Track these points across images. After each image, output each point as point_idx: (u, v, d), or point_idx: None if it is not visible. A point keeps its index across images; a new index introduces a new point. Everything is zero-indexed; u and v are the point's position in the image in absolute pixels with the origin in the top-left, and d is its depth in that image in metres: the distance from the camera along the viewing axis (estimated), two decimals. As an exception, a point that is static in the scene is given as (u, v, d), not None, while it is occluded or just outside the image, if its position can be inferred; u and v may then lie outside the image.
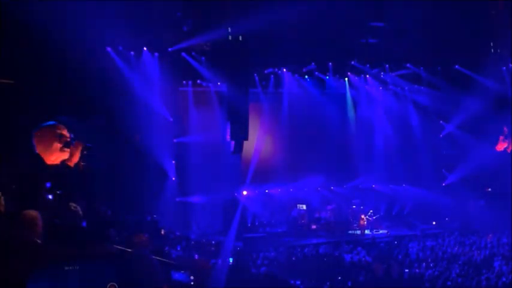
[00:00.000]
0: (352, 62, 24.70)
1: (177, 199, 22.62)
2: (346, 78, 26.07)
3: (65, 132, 5.29)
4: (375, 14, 21.60)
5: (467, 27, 21.41)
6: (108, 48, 20.18)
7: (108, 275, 3.65)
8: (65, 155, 5.28)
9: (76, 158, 5.32)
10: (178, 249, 17.07)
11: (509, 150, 24.96)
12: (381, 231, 23.70)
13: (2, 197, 5.54)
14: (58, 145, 5.24)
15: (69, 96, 18.47)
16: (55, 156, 5.26)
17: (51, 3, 15.93)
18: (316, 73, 25.33)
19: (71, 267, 3.61)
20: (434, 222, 24.38)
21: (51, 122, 5.34)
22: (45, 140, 5.21)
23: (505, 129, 24.64)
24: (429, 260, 17.05)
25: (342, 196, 25.58)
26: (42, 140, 5.21)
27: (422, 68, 25.09)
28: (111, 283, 3.65)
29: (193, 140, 23.07)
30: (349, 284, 14.32)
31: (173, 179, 22.63)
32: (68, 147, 5.28)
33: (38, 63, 16.96)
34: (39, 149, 5.17)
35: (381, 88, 26.45)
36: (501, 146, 25.29)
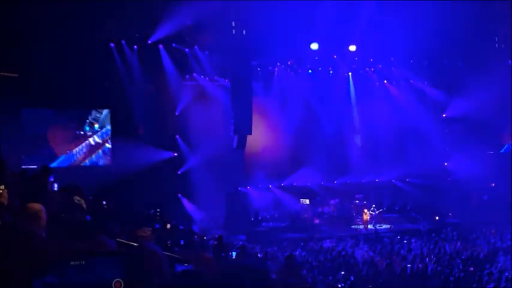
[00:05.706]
0: (356, 58, 24.62)
1: (180, 194, 22.63)
2: (350, 73, 26.02)
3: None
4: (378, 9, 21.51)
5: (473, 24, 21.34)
6: (111, 44, 20.18)
7: (114, 270, 3.64)
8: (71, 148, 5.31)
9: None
10: (182, 243, 17.07)
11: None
12: (383, 226, 23.68)
13: (6, 190, 5.55)
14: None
15: (74, 90, 18.54)
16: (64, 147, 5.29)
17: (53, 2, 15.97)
18: (320, 67, 25.26)
19: (76, 262, 3.59)
20: (437, 217, 24.35)
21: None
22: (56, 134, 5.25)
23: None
24: (432, 255, 17.00)
25: (345, 190, 25.53)
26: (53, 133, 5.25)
27: (426, 62, 25.02)
28: (117, 279, 3.63)
29: (197, 135, 22.99)
30: (352, 279, 14.31)
31: (178, 173, 22.76)
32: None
33: (41, 57, 16.99)
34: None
35: (385, 82, 26.42)
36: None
